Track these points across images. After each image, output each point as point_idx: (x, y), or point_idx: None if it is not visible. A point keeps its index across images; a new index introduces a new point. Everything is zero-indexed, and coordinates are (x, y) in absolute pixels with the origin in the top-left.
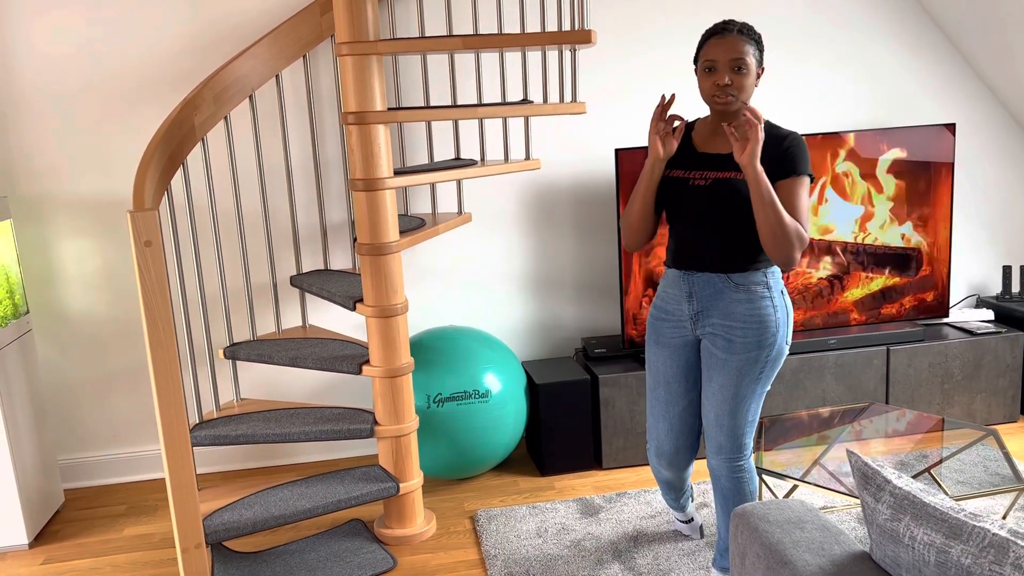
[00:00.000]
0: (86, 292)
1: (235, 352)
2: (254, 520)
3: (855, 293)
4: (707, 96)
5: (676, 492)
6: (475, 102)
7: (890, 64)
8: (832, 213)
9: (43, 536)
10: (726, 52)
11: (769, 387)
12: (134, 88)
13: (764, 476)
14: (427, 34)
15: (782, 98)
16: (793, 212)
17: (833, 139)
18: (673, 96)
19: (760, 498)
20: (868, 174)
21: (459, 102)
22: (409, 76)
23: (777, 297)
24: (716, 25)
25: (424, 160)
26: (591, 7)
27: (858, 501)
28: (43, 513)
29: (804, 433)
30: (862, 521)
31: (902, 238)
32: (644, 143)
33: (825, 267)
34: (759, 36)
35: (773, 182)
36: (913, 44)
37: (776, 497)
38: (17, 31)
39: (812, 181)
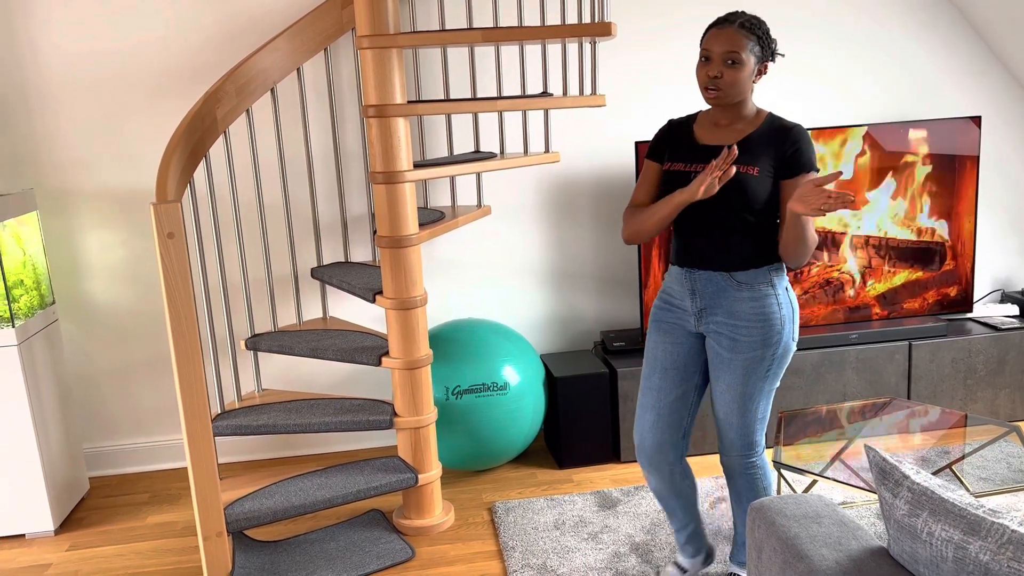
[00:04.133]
0: (110, 283)
1: (256, 343)
2: (274, 509)
3: (877, 287)
4: (700, 87)
5: (674, 514)
6: (495, 95)
7: (913, 54)
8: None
9: (68, 523)
10: (722, 44)
11: (778, 384)
12: (158, 81)
13: (782, 470)
14: (447, 27)
15: (801, 88)
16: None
17: (853, 132)
18: (735, 149)
19: (778, 492)
20: (891, 167)
21: (479, 95)
22: (429, 69)
23: (782, 294)
24: (721, 16)
25: (444, 153)
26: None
27: (877, 497)
28: (69, 500)
29: (824, 428)
30: (881, 517)
31: (925, 232)
32: None
33: (847, 261)
34: (763, 32)
35: (782, 179)
36: (937, 33)
37: (794, 492)
38: (43, 25)
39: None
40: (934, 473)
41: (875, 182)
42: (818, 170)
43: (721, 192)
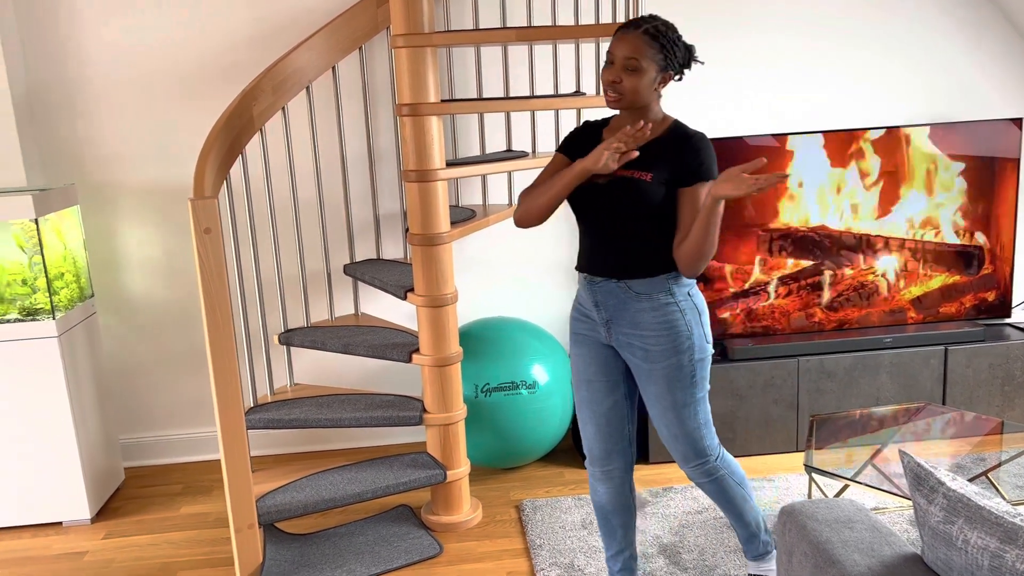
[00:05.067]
0: (148, 276)
1: (290, 338)
2: (305, 503)
3: (913, 291)
4: (604, 89)
5: (614, 535)
6: (527, 94)
7: (951, 54)
8: (891, 209)
9: (105, 512)
10: (623, 49)
11: (708, 387)
12: (197, 79)
13: (813, 474)
14: (481, 26)
15: (832, 89)
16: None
17: (890, 133)
18: (646, 126)
19: (809, 495)
20: (927, 169)
21: (511, 94)
22: (462, 68)
23: (683, 301)
24: (631, 19)
25: (476, 151)
26: None
27: (910, 503)
28: (105, 490)
29: (856, 432)
30: (914, 523)
31: (963, 235)
32: None
33: (882, 264)
34: (668, 41)
35: (680, 187)
36: (976, 32)
37: (825, 496)
38: (86, 23)
39: None
40: (969, 480)
41: (911, 183)
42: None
43: (618, 195)
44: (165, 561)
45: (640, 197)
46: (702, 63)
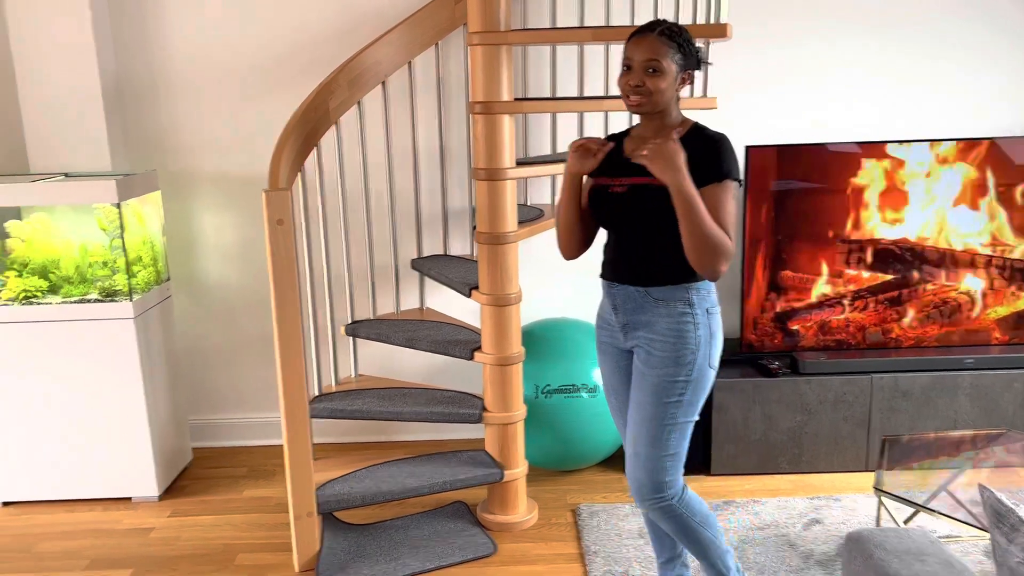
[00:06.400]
0: (223, 263)
1: (356, 330)
2: (363, 494)
3: (999, 311)
4: (622, 95)
5: (663, 542)
6: (602, 94)
7: None
8: (974, 224)
9: (172, 490)
10: (642, 53)
11: (695, 418)
12: (276, 72)
13: (883, 498)
14: (559, 24)
15: (911, 100)
16: (718, 220)
17: (974, 145)
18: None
19: (877, 521)
20: (1015, 183)
21: (586, 94)
22: (537, 65)
23: (700, 315)
24: (642, 25)
25: (547, 149)
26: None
27: (986, 533)
28: (173, 469)
29: (930, 456)
30: (990, 554)
31: None
32: (776, 141)
33: (967, 281)
34: (684, 40)
35: (698, 187)
36: None
37: (895, 521)
38: (172, 17)
39: (741, 186)
40: None
41: (1001, 197)
42: (740, 181)
43: (636, 203)
44: (227, 543)
45: (656, 204)
46: (710, 63)
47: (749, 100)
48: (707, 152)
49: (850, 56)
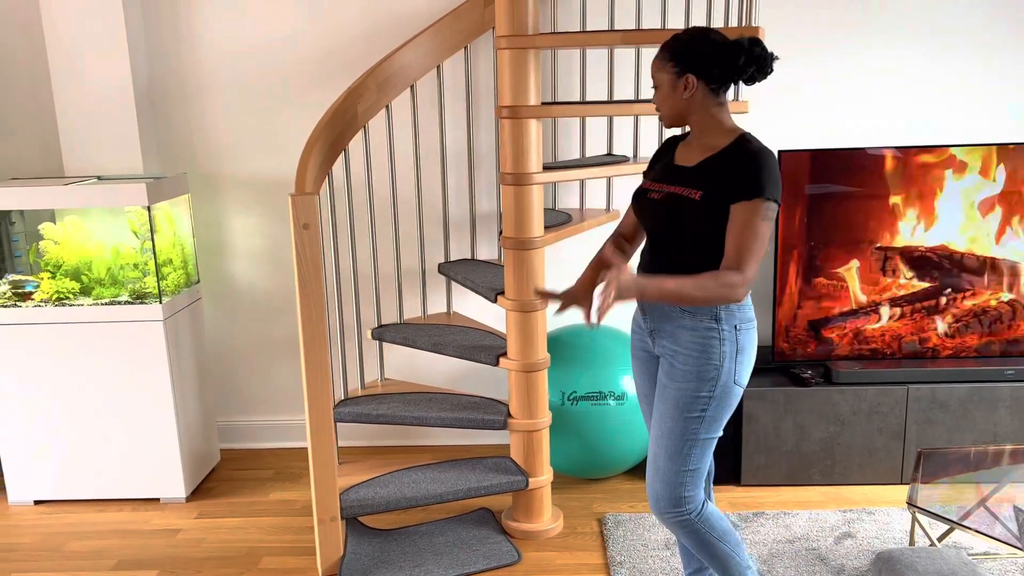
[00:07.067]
0: (251, 265)
1: (382, 333)
2: (387, 499)
3: None
4: None
5: (691, 552)
6: (632, 98)
7: None
8: (1012, 231)
9: (199, 492)
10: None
11: (718, 434)
12: (305, 75)
13: (918, 514)
14: (589, 28)
15: (949, 105)
16: (738, 242)
17: (1014, 150)
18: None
19: (911, 537)
20: None
21: (616, 97)
22: (567, 69)
23: (728, 331)
24: None
25: (577, 153)
26: (760, 3)
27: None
28: (201, 470)
29: (968, 470)
30: None
31: None
32: (807, 145)
33: (1008, 291)
34: (680, 44)
35: (731, 203)
36: None
37: (929, 537)
38: (202, 20)
39: (778, 206)
40: None
41: None
42: (776, 201)
43: (668, 210)
44: (252, 545)
45: (685, 215)
46: (774, 60)
47: (780, 104)
48: (743, 167)
49: (886, 61)
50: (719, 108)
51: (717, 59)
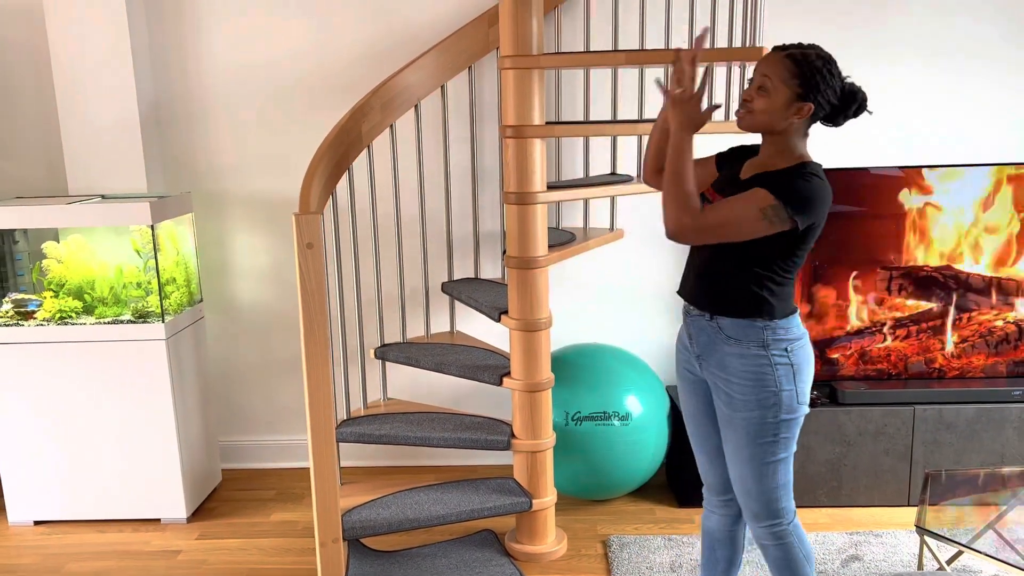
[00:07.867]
0: (255, 284)
1: (385, 353)
2: (390, 521)
3: None
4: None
5: (715, 568)
6: (635, 117)
7: None
8: (1019, 251)
9: (200, 512)
10: (761, 67)
11: (794, 448)
12: (309, 95)
13: (926, 536)
14: (592, 47)
15: (955, 125)
16: (729, 201)
17: (1020, 170)
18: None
19: (919, 561)
20: None
21: (620, 116)
22: (572, 88)
23: (778, 355)
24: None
25: (581, 171)
26: (765, 22)
27: None
28: (203, 490)
29: (976, 491)
30: None
31: None
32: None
33: (1015, 310)
34: (812, 69)
35: (751, 185)
36: None
37: (938, 560)
38: (207, 38)
39: (795, 224)
40: None
41: None
42: (794, 214)
43: None
44: (253, 567)
45: None
46: (870, 112)
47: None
48: (787, 173)
49: (893, 79)
50: (803, 139)
51: (839, 99)
